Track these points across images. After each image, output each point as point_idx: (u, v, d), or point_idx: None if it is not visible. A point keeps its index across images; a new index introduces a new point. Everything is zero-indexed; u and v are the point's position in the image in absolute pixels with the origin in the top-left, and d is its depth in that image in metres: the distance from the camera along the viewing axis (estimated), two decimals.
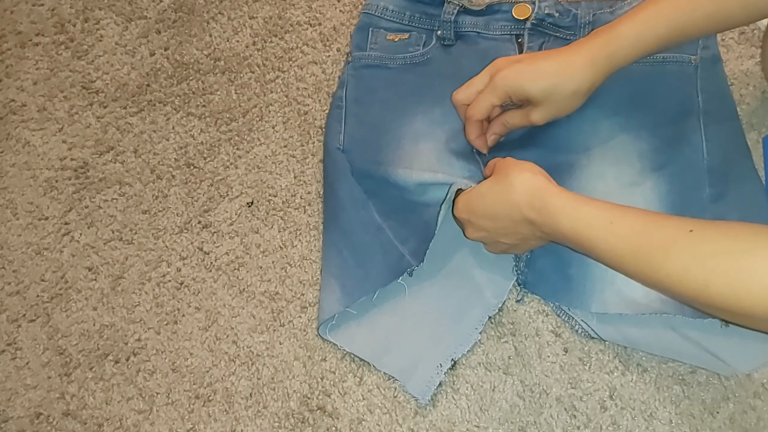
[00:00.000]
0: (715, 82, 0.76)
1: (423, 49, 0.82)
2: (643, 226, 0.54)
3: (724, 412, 0.65)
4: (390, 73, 0.82)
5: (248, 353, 0.72)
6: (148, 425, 0.70)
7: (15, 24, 0.94)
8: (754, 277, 0.46)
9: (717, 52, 0.78)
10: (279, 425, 0.69)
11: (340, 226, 0.73)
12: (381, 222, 0.73)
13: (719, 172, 0.71)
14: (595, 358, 0.68)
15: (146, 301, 0.76)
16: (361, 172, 0.75)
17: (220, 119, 0.85)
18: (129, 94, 0.88)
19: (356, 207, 0.73)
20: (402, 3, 0.84)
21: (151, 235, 0.79)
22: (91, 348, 0.74)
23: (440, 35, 0.82)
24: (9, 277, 0.78)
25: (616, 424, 0.65)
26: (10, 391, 0.73)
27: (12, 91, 0.89)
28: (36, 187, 0.83)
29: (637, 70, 0.74)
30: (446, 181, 0.71)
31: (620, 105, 0.75)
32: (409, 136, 0.77)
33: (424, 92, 0.79)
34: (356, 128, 0.79)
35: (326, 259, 0.73)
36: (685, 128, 0.74)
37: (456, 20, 0.82)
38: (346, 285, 0.70)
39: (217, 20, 0.91)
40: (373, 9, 0.84)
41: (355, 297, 0.70)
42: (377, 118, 0.79)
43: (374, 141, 0.77)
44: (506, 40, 0.81)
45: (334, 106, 0.81)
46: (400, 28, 0.84)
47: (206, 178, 0.82)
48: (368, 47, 0.83)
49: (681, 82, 0.76)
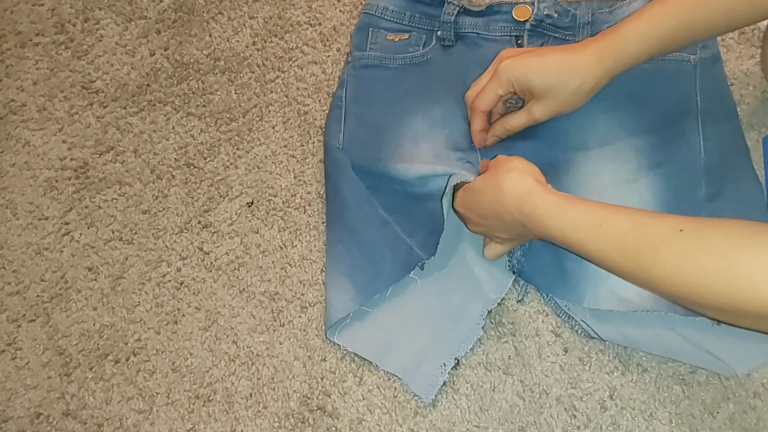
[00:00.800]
0: (714, 82, 0.76)
1: (423, 50, 0.82)
2: (632, 226, 0.53)
3: (724, 412, 0.65)
4: (390, 73, 0.81)
5: (248, 353, 0.72)
6: (148, 425, 0.70)
7: (15, 24, 0.94)
8: (744, 273, 0.45)
9: (717, 52, 0.78)
10: (279, 425, 0.69)
11: (346, 224, 0.73)
12: (387, 217, 0.73)
13: (716, 172, 0.71)
14: (595, 358, 0.68)
15: (146, 301, 0.76)
16: (361, 170, 0.75)
17: (220, 119, 0.85)
18: (129, 94, 0.88)
19: (361, 204, 0.73)
20: (402, 3, 0.84)
21: (151, 235, 0.79)
22: (91, 348, 0.74)
23: (440, 36, 0.82)
24: (9, 277, 0.78)
25: (616, 424, 0.65)
26: (10, 391, 0.73)
27: (12, 91, 0.89)
28: (36, 187, 0.83)
29: (636, 68, 0.75)
30: (445, 172, 0.71)
31: (619, 102, 0.75)
32: (409, 136, 0.77)
33: (423, 92, 0.79)
34: (356, 128, 0.79)
35: (333, 258, 0.73)
36: (683, 127, 0.74)
37: (456, 21, 0.81)
38: (359, 283, 0.70)
39: (217, 20, 0.91)
40: (373, 9, 0.84)
41: (369, 294, 0.70)
42: (377, 118, 0.79)
43: (374, 140, 0.77)
44: (506, 41, 0.81)
45: (333, 106, 0.81)
46: (400, 29, 0.84)
47: (206, 178, 0.82)
48: (368, 47, 0.83)
49: (680, 81, 0.76)
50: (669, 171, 0.72)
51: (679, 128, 0.74)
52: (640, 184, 0.72)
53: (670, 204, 0.70)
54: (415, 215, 0.73)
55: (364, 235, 0.72)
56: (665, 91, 0.76)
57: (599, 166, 0.73)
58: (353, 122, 0.79)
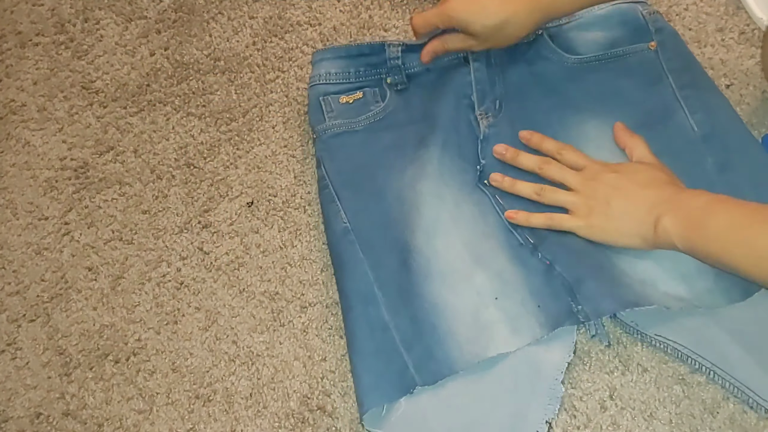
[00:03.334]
0: (680, 59, 0.77)
1: (383, 103, 0.79)
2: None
3: (724, 412, 0.65)
4: (359, 135, 0.78)
5: (248, 353, 0.72)
6: (148, 425, 0.70)
7: (15, 24, 0.94)
8: None
9: (672, 30, 0.78)
10: (279, 425, 0.69)
11: (347, 327, 0.69)
12: (388, 320, 0.67)
13: (716, 140, 0.71)
14: (595, 358, 0.68)
15: (146, 301, 0.76)
16: (376, 259, 0.70)
17: (220, 119, 0.85)
18: (129, 94, 0.88)
19: (364, 303, 0.68)
20: (343, 62, 0.81)
21: (151, 235, 0.79)
22: (91, 348, 0.74)
23: (390, 83, 0.80)
24: (9, 277, 0.78)
25: (616, 424, 0.65)
26: (10, 391, 0.73)
27: (12, 91, 0.89)
28: (36, 187, 0.83)
29: (600, 68, 0.76)
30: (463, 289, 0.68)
31: (598, 106, 0.75)
32: (407, 187, 0.74)
33: (402, 144, 0.76)
34: (353, 200, 0.74)
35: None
36: (666, 109, 0.74)
37: (404, 62, 0.80)
38: (357, 393, 0.66)
39: (217, 20, 0.91)
40: (317, 79, 0.80)
41: (365, 408, 0.64)
42: (367, 182, 0.75)
43: (376, 205, 0.73)
44: (456, 64, 0.79)
45: (321, 188, 0.76)
46: (349, 88, 0.80)
47: (206, 178, 0.82)
48: (326, 118, 0.78)
49: (646, 68, 0.77)
50: (671, 155, 0.71)
51: (663, 112, 0.74)
52: None
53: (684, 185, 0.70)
54: (417, 322, 0.67)
55: (360, 343, 0.67)
56: (637, 82, 0.76)
57: None
58: (348, 194, 0.74)
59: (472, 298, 0.68)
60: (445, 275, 0.69)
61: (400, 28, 0.89)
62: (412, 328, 0.67)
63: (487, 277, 0.69)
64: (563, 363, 0.66)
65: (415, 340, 0.66)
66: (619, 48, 0.78)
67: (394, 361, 0.66)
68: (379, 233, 0.72)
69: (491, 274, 0.69)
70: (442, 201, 0.73)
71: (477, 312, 0.67)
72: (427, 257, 0.70)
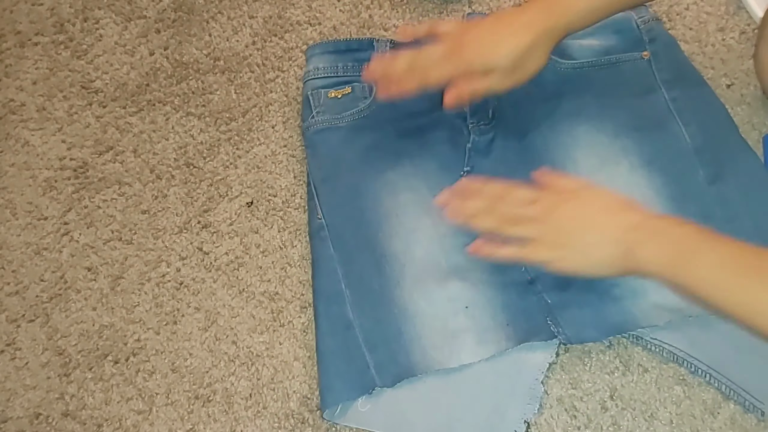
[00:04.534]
0: (673, 70, 0.76)
1: (370, 99, 0.78)
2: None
3: (724, 413, 0.65)
4: (342, 132, 0.77)
5: (248, 353, 0.72)
6: (148, 425, 0.70)
7: (14, 24, 0.93)
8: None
9: (669, 39, 0.78)
10: (279, 425, 0.68)
11: (315, 323, 0.70)
12: (353, 318, 0.68)
13: (708, 151, 0.71)
14: (595, 358, 0.68)
15: (146, 301, 0.76)
16: (347, 256, 0.71)
17: (219, 119, 0.85)
18: (128, 94, 0.87)
19: (329, 303, 0.70)
20: (332, 57, 0.81)
21: (151, 235, 0.79)
22: (91, 348, 0.74)
23: None
24: (8, 277, 0.78)
25: (617, 425, 0.65)
26: (10, 392, 0.73)
27: (11, 90, 0.89)
28: (35, 187, 0.83)
29: (594, 74, 0.76)
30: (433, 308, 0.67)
31: (591, 111, 0.75)
32: (386, 191, 0.74)
33: (383, 145, 0.76)
34: (329, 195, 0.74)
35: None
36: (659, 119, 0.74)
37: None
38: (319, 389, 0.67)
39: (217, 20, 0.91)
40: (308, 76, 0.81)
41: (324, 405, 0.66)
42: (347, 180, 0.75)
43: (352, 202, 0.74)
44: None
45: (308, 183, 0.77)
46: (337, 82, 0.80)
47: (206, 178, 0.81)
48: (314, 112, 0.79)
49: (639, 78, 0.77)
50: (662, 164, 0.72)
51: (656, 121, 0.74)
52: (639, 184, 0.71)
53: (674, 196, 0.70)
54: (382, 324, 0.68)
55: (323, 340, 0.68)
56: (629, 90, 0.76)
57: (593, 176, 0.72)
58: (326, 191, 0.75)
59: (443, 304, 0.68)
60: (419, 281, 0.70)
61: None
62: (377, 330, 0.68)
63: (461, 286, 0.69)
64: (544, 363, 0.67)
65: (380, 341, 0.67)
66: (612, 56, 0.78)
67: (355, 360, 0.67)
68: (351, 231, 0.72)
69: (467, 284, 0.69)
70: (423, 208, 0.73)
71: (446, 319, 0.68)
72: (402, 263, 0.70)
